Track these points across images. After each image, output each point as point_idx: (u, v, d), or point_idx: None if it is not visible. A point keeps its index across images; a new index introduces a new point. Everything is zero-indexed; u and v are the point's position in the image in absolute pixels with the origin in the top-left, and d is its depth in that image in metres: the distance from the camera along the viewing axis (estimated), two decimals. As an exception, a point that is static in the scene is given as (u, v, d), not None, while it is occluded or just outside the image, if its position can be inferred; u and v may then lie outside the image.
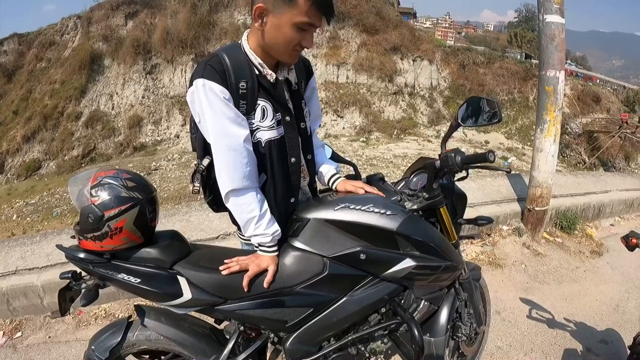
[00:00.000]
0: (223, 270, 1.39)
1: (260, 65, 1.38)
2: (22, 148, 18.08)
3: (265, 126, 1.40)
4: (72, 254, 1.35)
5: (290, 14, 1.26)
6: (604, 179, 5.97)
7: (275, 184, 1.47)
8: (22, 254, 3.15)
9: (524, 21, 47.07)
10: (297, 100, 1.52)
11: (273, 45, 1.34)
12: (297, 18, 1.26)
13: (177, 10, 19.13)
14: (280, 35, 1.31)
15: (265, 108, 1.40)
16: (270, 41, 1.33)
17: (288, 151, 1.48)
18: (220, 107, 1.30)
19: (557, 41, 3.85)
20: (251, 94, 1.37)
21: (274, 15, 1.27)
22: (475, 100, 1.63)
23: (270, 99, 1.41)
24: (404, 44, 20.25)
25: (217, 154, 1.35)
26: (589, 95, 22.14)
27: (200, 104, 1.32)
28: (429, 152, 13.69)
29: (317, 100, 1.71)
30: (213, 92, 1.29)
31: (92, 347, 1.50)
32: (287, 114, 1.46)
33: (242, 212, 1.39)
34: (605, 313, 3.17)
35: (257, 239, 1.42)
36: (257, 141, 1.41)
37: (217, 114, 1.30)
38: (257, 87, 1.38)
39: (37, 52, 21.62)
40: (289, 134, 1.47)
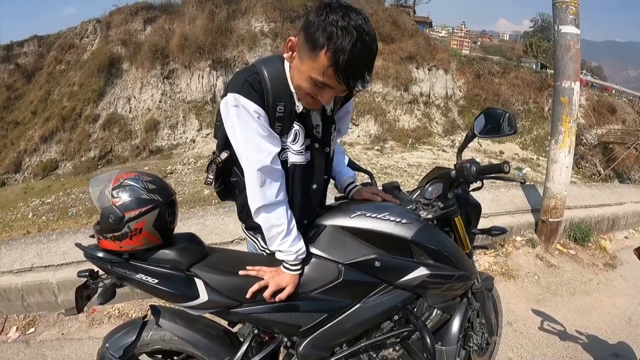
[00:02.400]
0: (242, 273, 1.41)
1: (295, 93, 1.31)
2: (40, 148, 18.39)
3: (294, 150, 1.37)
4: (91, 252, 1.38)
5: (309, 65, 1.17)
6: (619, 191, 5.89)
7: (293, 206, 1.43)
8: (39, 252, 3.20)
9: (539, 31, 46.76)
10: (328, 125, 1.46)
11: (294, 82, 1.28)
12: (313, 73, 1.16)
13: (195, 17, 19.36)
14: (298, 79, 1.24)
15: (298, 132, 1.35)
16: (293, 78, 1.28)
17: (312, 178, 1.46)
18: (253, 125, 1.25)
19: (572, 52, 3.83)
20: (288, 118, 1.32)
21: (299, 57, 1.21)
22: (491, 111, 1.64)
23: (304, 124, 1.36)
24: (419, 53, 20.24)
25: (248, 170, 1.30)
26: (604, 106, 21.90)
27: (231, 118, 1.27)
28: (443, 161, 13.60)
29: (348, 121, 1.66)
30: (246, 111, 1.24)
31: (107, 345, 1.52)
32: (315, 140, 1.41)
33: (272, 227, 1.35)
34: (617, 326, 3.12)
35: (281, 255, 1.39)
36: (284, 160, 1.37)
37: (249, 131, 1.25)
38: (294, 112, 1.32)
39: (57, 55, 22.03)
40: (316, 159, 1.44)
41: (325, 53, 1.11)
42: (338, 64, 1.11)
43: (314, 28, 1.12)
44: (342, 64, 1.11)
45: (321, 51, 1.11)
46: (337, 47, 1.09)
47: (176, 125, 18.71)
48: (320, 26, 1.10)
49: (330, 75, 1.14)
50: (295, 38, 1.20)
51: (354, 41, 1.10)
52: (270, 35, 19.77)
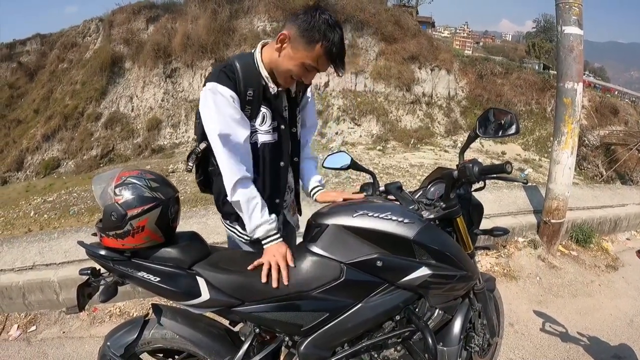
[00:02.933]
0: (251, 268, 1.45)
1: (267, 78, 1.55)
2: (42, 146, 18.46)
3: (262, 130, 1.59)
4: (93, 250, 1.38)
5: (304, 54, 1.44)
6: (621, 192, 5.87)
7: (265, 183, 1.65)
8: (40, 250, 3.21)
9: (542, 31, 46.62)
10: (293, 108, 1.70)
11: (279, 67, 1.51)
12: (307, 60, 1.45)
13: (197, 16, 19.41)
14: (288, 65, 1.48)
15: (266, 115, 1.58)
16: (279, 64, 1.50)
17: (280, 156, 1.67)
18: (229, 110, 1.47)
19: (575, 53, 3.82)
20: (256, 101, 1.54)
21: (292, 47, 1.45)
22: (493, 111, 1.63)
23: (270, 107, 1.58)
24: (422, 53, 20.24)
25: (221, 151, 1.48)
26: (607, 107, 21.88)
27: (209, 104, 1.47)
28: (445, 162, 13.59)
29: (312, 110, 1.88)
30: (222, 96, 1.46)
31: (108, 343, 1.53)
32: (282, 122, 1.64)
33: (250, 200, 1.52)
34: (619, 328, 3.11)
35: (263, 227, 1.53)
36: (253, 142, 1.59)
37: (224, 115, 1.46)
38: (261, 96, 1.55)
39: (59, 53, 22.10)
40: (283, 139, 1.66)
41: (321, 46, 1.41)
42: (331, 54, 1.44)
43: (308, 25, 1.40)
44: (335, 53, 1.44)
45: (317, 44, 1.41)
46: (330, 41, 1.41)
47: (178, 124, 18.75)
48: (315, 24, 1.40)
49: (324, 61, 1.46)
50: (287, 32, 1.44)
51: (339, 36, 1.44)
52: (273, 35, 19.70)
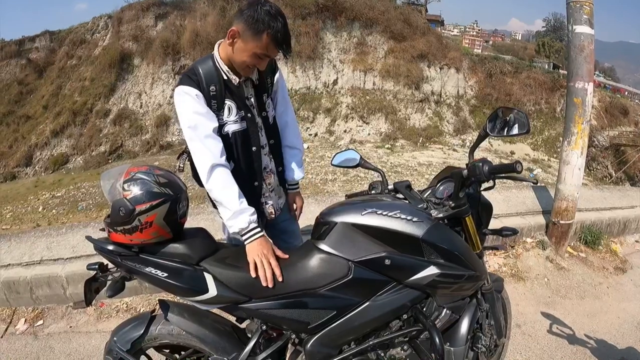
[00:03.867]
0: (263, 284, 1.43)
1: (227, 72, 1.70)
2: (51, 142, 18.54)
3: (231, 120, 1.73)
4: (101, 245, 1.38)
5: (253, 44, 1.57)
6: (631, 194, 5.81)
7: (241, 169, 1.79)
8: (48, 245, 3.23)
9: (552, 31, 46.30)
10: (260, 94, 1.84)
11: (235, 60, 1.65)
12: (258, 49, 1.58)
13: (206, 13, 19.40)
14: (242, 57, 1.62)
15: (231, 107, 1.72)
16: (234, 58, 1.65)
17: (251, 142, 1.81)
18: (194, 105, 1.61)
19: (586, 52, 3.78)
20: (220, 96, 1.69)
21: (242, 41, 1.58)
22: (503, 110, 1.62)
23: (234, 99, 1.73)
24: (431, 52, 20.07)
25: (193, 144, 1.61)
26: (616, 108, 21.59)
27: (178, 104, 1.64)
28: (454, 161, 13.50)
29: (284, 91, 2.01)
30: (187, 94, 1.61)
31: (115, 338, 1.53)
32: (248, 111, 1.78)
33: (225, 188, 1.58)
34: (627, 331, 3.09)
35: (243, 217, 1.56)
36: (225, 133, 1.72)
37: (190, 111, 1.61)
38: (224, 90, 1.70)
39: (68, 50, 22.18)
40: (250, 127, 1.79)
41: (267, 35, 1.54)
42: (277, 40, 1.56)
43: (253, 19, 1.52)
44: (280, 39, 1.57)
45: (263, 34, 1.53)
46: (274, 29, 1.53)
47: (187, 121, 18.77)
48: (258, 17, 1.52)
49: (272, 48, 1.58)
50: (236, 28, 1.57)
51: (282, 23, 1.56)
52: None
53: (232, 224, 1.56)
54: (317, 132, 17.97)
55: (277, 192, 2.06)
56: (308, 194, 7.45)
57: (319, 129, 18.07)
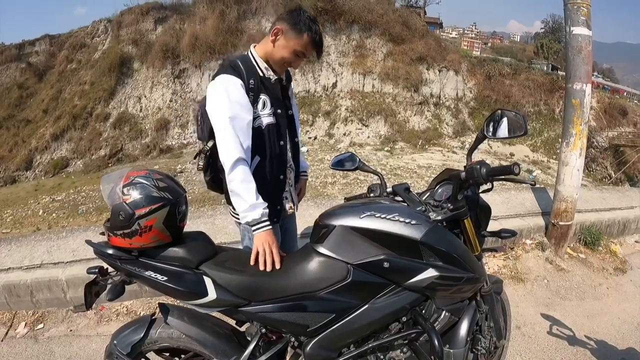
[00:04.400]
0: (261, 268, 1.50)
1: (265, 68, 1.86)
2: (51, 146, 18.55)
3: (265, 114, 1.84)
4: (101, 249, 1.39)
5: (295, 42, 1.78)
6: (630, 195, 5.81)
7: (271, 161, 1.89)
8: (48, 249, 3.24)
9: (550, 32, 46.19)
10: (285, 94, 2.01)
11: (274, 57, 1.83)
12: (298, 47, 1.79)
13: (205, 17, 19.40)
14: (282, 53, 1.81)
15: (265, 101, 1.84)
16: (274, 54, 1.83)
17: (281, 135, 1.93)
18: (238, 95, 1.72)
19: (584, 53, 3.80)
20: (257, 89, 1.80)
21: (284, 38, 1.78)
22: (501, 112, 1.63)
23: (269, 94, 1.85)
24: (430, 54, 20.09)
25: (228, 133, 1.66)
26: (615, 109, 21.61)
27: (218, 92, 1.70)
28: (453, 163, 13.50)
29: (294, 100, 2.17)
30: (232, 83, 1.72)
31: (115, 341, 1.53)
32: (280, 107, 1.91)
33: (246, 182, 1.66)
34: (627, 332, 3.09)
35: (257, 210, 1.65)
36: (258, 125, 1.82)
37: (233, 100, 1.70)
38: (260, 85, 1.82)
39: (68, 54, 22.19)
40: (281, 122, 1.92)
41: (308, 35, 1.77)
42: (315, 41, 1.80)
43: (297, 20, 1.76)
44: (317, 40, 1.81)
45: (304, 34, 1.76)
46: (313, 31, 1.78)
47: (186, 125, 18.76)
48: (301, 19, 1.76)
49: (310, 47, 1.81)
50: (280, 27, 1.77)
51: (318, 28, 1.81)
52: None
53: (247, 214, 1.64)
54: (316, 135, 17.98)
55: (294, 188, 2.19)
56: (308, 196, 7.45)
57: (318, 132, 18.08)
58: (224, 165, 1.67)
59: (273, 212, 1.84)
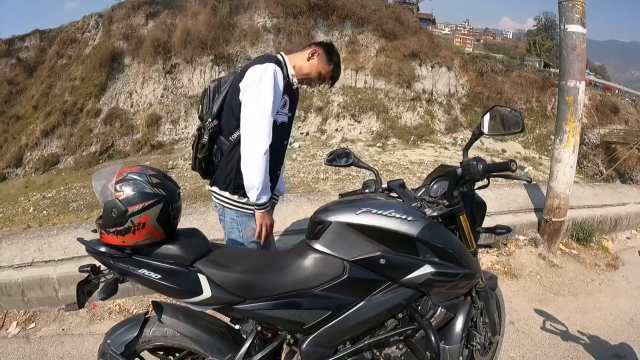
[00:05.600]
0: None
1: (292, 75, 2.04)
2: (41, 142, 18.39)
3: (282, 112, 2.01)
4: (94, 247, 1.36)
5: (322, 66, 2.09)
6: (621, 191, 5.87)
7: (276, 156, 2.03)
8: (39, 247, 3.19)
9: (543, 29, 46.49)
10: (296, 100, 2.16)
11: (303, 70, 2.08)
12: (323, 70, 2.10)
13: (197, 12, 19.30)
14: (310, 70, 2.08)
15: (287, 101, 2.02)
16: (304, 67, 2.08)
17: (287, 135, 2.14)
18: (279, 87, 1.90)
19: (578, 51, 3.81)
20: (284, 89, 1.96)
21: (318, 59, 2.07)
22: (498, 109, 1.63)
23: (289, 97, 2.03)
24: (422, 50, 20.15)
25: (264, 119, 1.83)
26: (607, 106, 21.80)
27: (268, 78, 1.84)
28: (445, 159, 13.56)
29: None
30: (279, 75, 1.89)
31: (108, 341, 1.51)
32: (291, 111, 2.10)
33: (266, 171, 1.85)
34: (619, 327, 3.11)
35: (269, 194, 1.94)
36: (275, 120, 1.93)
37: (276, 91, 1.87)
38: (287, 86, 1.98)
39: (58, 49, 22.02)
40: (290, 123, 2.12)
41: (335, 65, 2.13)
42: (335, 72, 2.15)
43: (331, 52, 2.10)
44: (337, 73, 2.17)
45: (332, 63, 2.10)
46: (337, 64, 2.14)
47: (178, 120, 18.70)
48: (333, 51, 2.12)
49: (329, 75, 2.14)
50: (318, 50, 2.07)
51: (340, 67, 2.18)
52: (273, 31, 19.69)
53: (262, 196, 1.88)
54: (308, 130, 17.99)
55: None
56: (300, 192, 7.46)
57: (310, 128, 18.09)
58: (252, 145, 1.83)
59: None
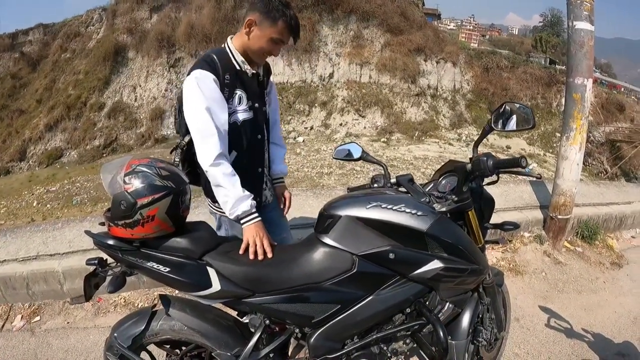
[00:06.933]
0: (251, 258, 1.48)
1: (242, 62, 1.80)
2: (45, 136, 18.42)
3: (240, 109, 1.81)
4: (101, 240, 1.36)
5: (270, 30, 1.71)
6: (627, 190, 5.84)
7: (248, 155, 1.88)
8: (44, 240, 3.20)
9: (549, 26, 46.06)
10: (262, 90, 1.96)
11: (252, 48, 1.77)
12: (274, 34, 1.72)
13: (201, 5, 19.25)
14: (259, 43, 1.75)
15: (242, 96, 1.80)
16: (250, 46, 1.77)
17: (257, 129, 1.91)
18: (212, 91, 1.67)
19: (585, 48, 3.78)
20: (232, 84, 1.76)
21: (259, 28, 1.72)
22: (509, 105, 1.62)
23: (245, 89, 1.81)
24: (427, 45, 20.01)
25: (204, 127, 1.63)
26: (613, 104, 21.66)
27: (192, 87, 1.64)
28: (449, 155, 13.49)
29: (275, 92, 2.14)
30: (207, 79, 1.67)
31: (115, 334, 1.51)
32: (256, 101, 1.88)
33: (231, 176, 1.65)
34: (623, 325, 3.10)
35: (246, 202, 1.65)
36: (234, 121, 1.79)
37: (207, 96, 1.65)
38: (236, 80, 1.78)
39: (62, 43, 22.03)
40: (258, 116, 1.90)
41: (283, 21, 1.70)
42: (291, 26, 1.74)
43: (268, 9, 1.69)
44: (294, 25, 1.74)
45: (279, 20, 1.70)
46: (288, 16, 1.71)
47: (181, 114, 18.68)
48: (273, 6, 1.69)
49: (287, 33, 1.75)
50: (252, 17, 1.70)
51: (293, 12, 1.75)
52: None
53: (237, 209, 1.63)
54: (312, 125, 17.93)
55: (269, 182, 2.14)
56: (304, 187, 7.44)
57: (314, 122, 18.03)
58: (202, 161, 1.64)
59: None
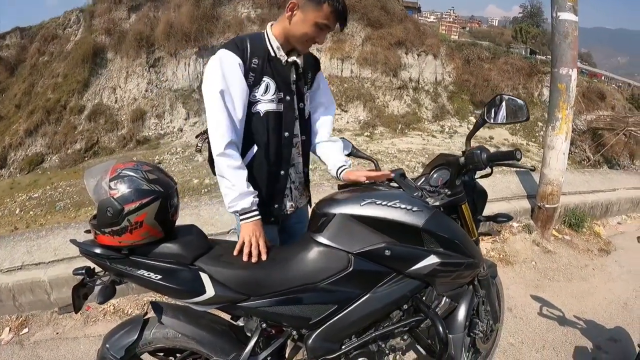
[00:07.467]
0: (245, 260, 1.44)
1: (277, 48, 1.65)
2: (25, 142, 18.11)
3: (266, 99, 1.64)
4: (88, 249, 1.31)
5: (314, 14, 1.55)
6: (611, 177, 5.92)
7: (268, 154, 1.69)
8: (28, 249, 3.11)
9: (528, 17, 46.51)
10: (301, 84, 1.76)
11: (294, 34, 1.61)
12: (319, 19, 1.56)
13: (180, 4, 19.09)
14: (302, 28, 1.59)
15: (269, 85, 1.64)
16: (293, 31, 1.61)
17: (284, 126, 1.71)
18: (233, 73, 1.56)
19: (570, 39, 3.80)
20: (260, 70, 1.62)
21: (302, 12, 1.57)
22: (502, 98, 1.61)
23: (275, 78, 1.65)
24: (408, 39, 20.13)
25: (218, 110, 1.54)
26: (594, 92, 22.03)
27: (214, 66, 1.56)
28: (433, 147, 13.61)
29: (327, 90, 1.96)
30: (230, 61, 1.56)
31: (107, 345, 1.46)
32: (288, 93, 1.69)
33: (240, 167, 1.56)
34: (614, 311, 3.14)
35: (247, 199, 1.55)
36: (257, 111, 1.64)
37: (227, 78, 1.55)
38: (266, 66, 1.63)
39: (40, 46, 21.63)
40: (287, 111, 1.70)
41: (329, 4, 1.54)
42: (338, 10, 1.56)
43: None
44: (340, 9, 1.57)
45: (324, 4, 1.53)
46: (331, 2, 1.54)
47: (163, 115, 18.53)
48: None
49: (333, 18, 1.58)
50: (296, 1, 1.56)
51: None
52: (257, 21, 19.47)
53: (237, 203, 1.55)
54: (295, 121, 17.94)
55: (300, 191, 1.92)
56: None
57: (297, 118, 18.03)
58: (212, 149, 1.55)
59: (270, 211, 1.75)
